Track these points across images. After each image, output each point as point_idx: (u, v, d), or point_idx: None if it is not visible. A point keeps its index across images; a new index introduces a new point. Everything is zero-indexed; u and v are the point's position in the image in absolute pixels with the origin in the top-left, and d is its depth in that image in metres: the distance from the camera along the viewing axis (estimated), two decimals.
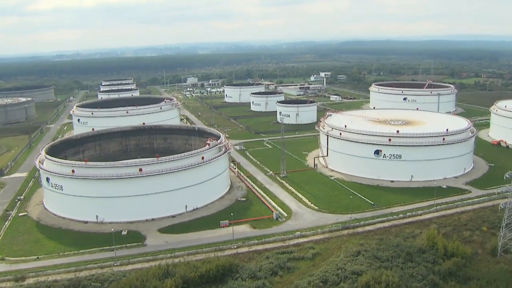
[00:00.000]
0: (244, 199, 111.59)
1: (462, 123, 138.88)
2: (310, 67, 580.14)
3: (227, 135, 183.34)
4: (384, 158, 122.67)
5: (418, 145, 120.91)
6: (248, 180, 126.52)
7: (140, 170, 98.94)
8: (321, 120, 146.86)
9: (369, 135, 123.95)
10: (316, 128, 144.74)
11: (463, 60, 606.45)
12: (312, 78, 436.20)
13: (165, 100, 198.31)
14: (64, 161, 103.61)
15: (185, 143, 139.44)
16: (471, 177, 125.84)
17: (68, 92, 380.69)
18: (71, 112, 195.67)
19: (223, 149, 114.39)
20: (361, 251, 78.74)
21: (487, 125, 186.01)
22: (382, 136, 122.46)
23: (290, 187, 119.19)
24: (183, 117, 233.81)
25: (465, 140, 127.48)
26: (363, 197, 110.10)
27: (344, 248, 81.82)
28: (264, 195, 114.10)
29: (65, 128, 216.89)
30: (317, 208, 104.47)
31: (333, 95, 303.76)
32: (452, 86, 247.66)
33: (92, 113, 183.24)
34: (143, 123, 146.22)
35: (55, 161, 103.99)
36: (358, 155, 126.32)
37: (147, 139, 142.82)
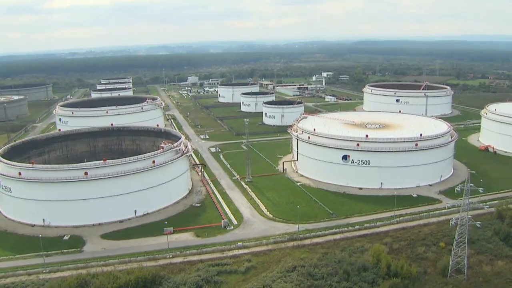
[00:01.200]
0: (198, 204, 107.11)
1: (442, 127, 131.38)
2: (318, 66, 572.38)
3: (207, 136, 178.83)
4: (352, 164, 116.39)
5: (388, 151, 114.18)
6: (211, 184, 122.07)
7: (86, 173, 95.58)
8: (294, 122, 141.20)
9: (337, 139, 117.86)
10: (288, 131, 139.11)
11: (474, 60, 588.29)
12: (314, 78, 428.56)
13: (147, 100, 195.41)
14: (11, 162, 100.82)
15: (152, 144, 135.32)
16: (446, 185, 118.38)
17: (69, 90, 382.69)
18: (53, 112, 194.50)
19: (180, 152, 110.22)
20: (297, 267, 73.27)
21: (480, 128, 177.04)
22: (350, 140, 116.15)
23: (251, 193, 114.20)
24: (169, 117, 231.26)
25: (441, 146, 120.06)
26: (323, 206, 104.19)
27: (282, 262, 76.53)
28: (221, 201, 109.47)
29: (51, 127, 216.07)
30: (271, 216, 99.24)
31: (329, 95, 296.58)
32: (448, 87, 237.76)
33: (73, 113, 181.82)
34: (111, 124, 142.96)
35: (4, 163, 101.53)
36: (325, 160, 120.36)
37: (115, 141, 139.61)
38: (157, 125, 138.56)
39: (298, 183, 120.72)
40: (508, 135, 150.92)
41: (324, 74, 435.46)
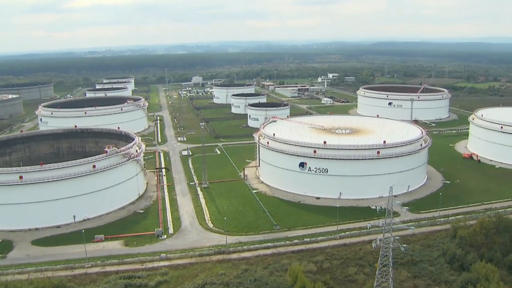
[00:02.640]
0: (142, 211, 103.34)
1: (415, 133, 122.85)
2: (331, 67, 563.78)
3: (185, 138, 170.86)
4: (310, 171, 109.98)
5: (347, 159, 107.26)
6: (166, 189, 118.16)
7: (21, 177, 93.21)
8: (259, 126, 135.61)
9: (294, 145, 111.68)
10: (253, 135, 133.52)
11: (492, 63, 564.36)
12: (319, 80, 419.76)
13: (128, 101, 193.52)
14: None
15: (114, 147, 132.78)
16: (413, 197, 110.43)
17: (73, 89, 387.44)
18: (36, 112, 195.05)
19: (128, 156, 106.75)
20: (207, 284, 68.30)
21: None
22: (307, 147, 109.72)
23: (202, 200, 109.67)
24: (157, 118, 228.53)
25: (409, 154, 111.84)
26: (270, 216, 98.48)
27: (196, 278, 71.63)
28: (168, 207, 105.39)
29: (38, 127, 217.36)
30: (211, 226, 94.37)
31: (327, 97, 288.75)
32: (445, 91, 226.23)
33: (52, 113, 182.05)
34: (75, 126, 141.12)
35: None
36: (283, 167, 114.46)
37: (79, 142, 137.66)
38: (118, 128, 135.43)
39: (255, 191, 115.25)
40: (493, 143, 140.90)
41: (330, 76, 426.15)
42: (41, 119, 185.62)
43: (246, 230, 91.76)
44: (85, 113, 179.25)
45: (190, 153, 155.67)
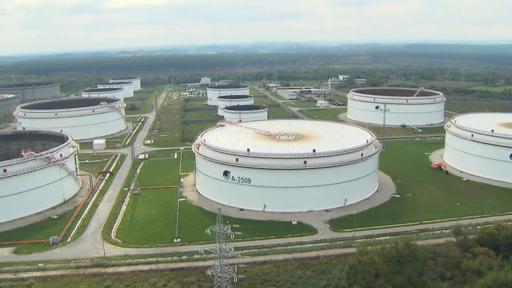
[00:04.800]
0: (56, 217, 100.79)
1: (362, 140, 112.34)
2: (353, 69, 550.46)
3: (152, 141, 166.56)
4: (233, 181, 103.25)
5: (270, 169, 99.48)
6: (95, 195, 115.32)
7: None
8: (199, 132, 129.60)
9: (219, 152, 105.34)
10: (194, 139, 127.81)
11: None
12: (329, 81, 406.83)
13: (101, 102, 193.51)
14: None
15: None
16: (347, 212, 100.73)
17: (80, 89, 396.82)
18: (13, 113, 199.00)
19: (48, 160, 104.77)
20: None
21: None
22: (230, 154, 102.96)
23: (123, 207, 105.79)
24: (141, 119, 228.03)
25: (346, 164, 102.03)
26: (177, 227, 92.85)
27: None
28: (85, 214, 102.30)
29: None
30: (112, 236, 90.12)
31: (323, 100, 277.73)
32: (440, 94, 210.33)
33: (25, 114, 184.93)
34: (23, 128, 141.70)
35: None
36: (210, 175, 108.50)
37: (28, 145, 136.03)
38: (61, 131, 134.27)
39: (181, 199, 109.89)
40: (464, 152, 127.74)
41: (340, 77, 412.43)
42: (17, 120, 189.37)
43: (144, 242, 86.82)
44: (56, 114, 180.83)
45: (147, 157, 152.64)
